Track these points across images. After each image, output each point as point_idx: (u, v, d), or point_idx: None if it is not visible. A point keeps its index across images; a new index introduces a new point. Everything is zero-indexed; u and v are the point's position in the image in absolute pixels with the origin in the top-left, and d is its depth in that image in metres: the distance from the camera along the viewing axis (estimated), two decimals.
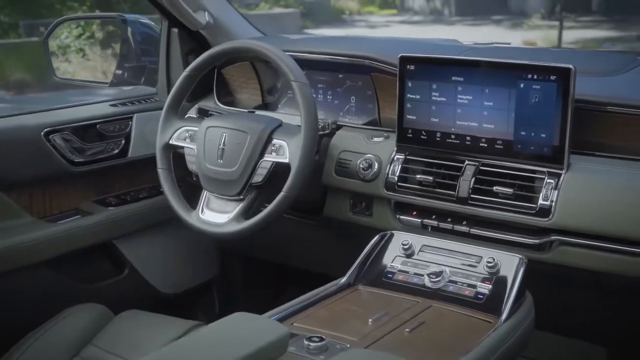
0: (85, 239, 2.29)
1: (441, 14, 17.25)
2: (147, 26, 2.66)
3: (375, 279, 1.88)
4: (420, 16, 17.21)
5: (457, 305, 1.74)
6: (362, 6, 18.29)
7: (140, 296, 2.49)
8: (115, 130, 2.35)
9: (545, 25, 13.39)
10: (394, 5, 18.89)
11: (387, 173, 2.04)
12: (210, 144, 2.09)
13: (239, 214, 2.05)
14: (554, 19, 13.22)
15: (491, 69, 1.89)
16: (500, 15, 15.78)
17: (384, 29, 15.56)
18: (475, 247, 1.87)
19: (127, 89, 2.64)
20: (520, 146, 1.87)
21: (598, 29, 14.03)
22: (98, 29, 7.22)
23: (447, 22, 16.46)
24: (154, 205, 2.46)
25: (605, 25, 14.20)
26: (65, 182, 2.31)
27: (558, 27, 12.92)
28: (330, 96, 2.35)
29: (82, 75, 6.76)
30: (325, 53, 2.26)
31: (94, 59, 6.94)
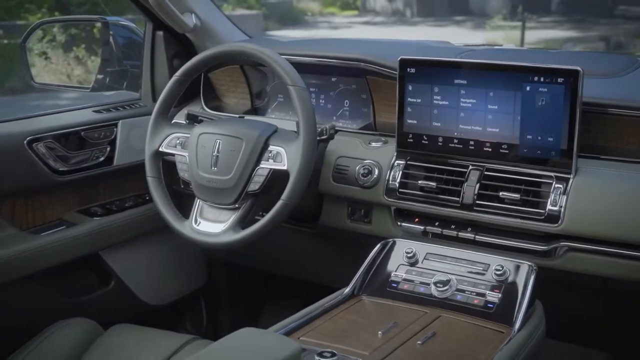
0: (71, 251, 2.19)
1: (403, 15, 17.29)
2: (129, 29, 2.57)
3: (379, 288, 1.83)
4: (383, 17, 17.23)
5: (466, 315, 1.70)
6: (324, 7, 18.27)
7: (127, 309, 2.41)
8: (100, 137, 2.26)
9: (507, 26, 13.48)
10: (355, 7, 18.89)
11: (388, 179, 1.98)
12: (203, 151, 2.01)
13: (234, 223, 1.98)
14: (516, 20, 13.32)
15: (496, 71, 1.84)
16: (462, 16, 15.86)
17: (347, 30, 15.55)
18: (481, 254, 1.83)
19: (108, 94, 2.55)
20: (526, 150, 1.83)
21: (558, 29, 14.18)
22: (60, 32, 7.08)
23: (409, 22, 16.50)
24: (140, 215, 2.38)
25: (566, 26, 14.35)
26: (49, 192, 2.21)
27: (520, 27, 13.01)
28: (323, 100, 2.29)
29: (47, 79, 6.62)
30: (320, 56, 2.20)
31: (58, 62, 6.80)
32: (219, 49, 2.05)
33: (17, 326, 2.06)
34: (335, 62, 2.19)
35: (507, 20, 13.69)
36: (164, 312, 2.52)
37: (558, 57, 2.34)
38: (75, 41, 7.36)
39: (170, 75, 2.39)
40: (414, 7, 17.08)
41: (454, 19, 15.87)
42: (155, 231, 2.42)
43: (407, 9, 17.33)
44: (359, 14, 18.02)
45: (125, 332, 2.01)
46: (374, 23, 16.49)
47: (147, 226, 2.39)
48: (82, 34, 6.47)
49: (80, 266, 2.27)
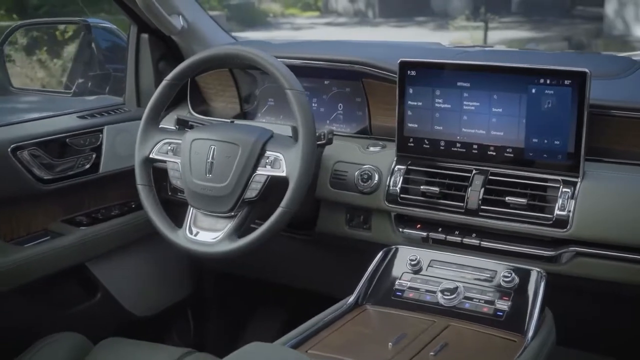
0: (57, 262, 2.11)
1: (365, 15, 17.30)
2: (111, 31, 2.49)
3: (384, 297, 1.77)
4: (345, 18, 17.22)
5: (476, 323, 1.65)
6: (285, 8, 18.21)
7: (113, 320, 2.33)
8: (86, 144, 2.18)
9: (470, 26, 13.55)
10: (317, 8, 18.87)
11: (388, 185, 1.93)
12: (197, 158, 1.94)
13: (231, 231, 1.92)
14: (479, 20, 13.39)
15: (500, 74, 1.80)
16: (424, 17, 15.92)
17: (309, 30, 15.51)
18: (487, 260, 1.79)
19: (90, 99, 2.46)
20: (532, 154, 1.79)
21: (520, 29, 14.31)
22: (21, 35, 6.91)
23: (371, 23, 16.51)
24: (126, 224, 2.30)
25: (527, 26, 14.49)
26: (34, 202, 2.13)
27: (483, 27, 13.08)
28: (315, 103, 2.23)
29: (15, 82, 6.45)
30: (316, 59, 2.15)
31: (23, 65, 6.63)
32: (213, 51, 1.99)
33: (3, 342, 1.98)
34: (331, 64, 2.13)
35: (470, 20, 13.75)
36: (150, 323, 2.44)
37: (555, 58, 2.31)
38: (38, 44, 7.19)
39: (156, 78, 2.33)
40: (375, 8, 17.09)
41: (416, 20, 15.92)
42: (142, 240, 2.35)
43: (369, 10, 17.34)
44: (320, 15, 17.98)
45: (116, 346, 1.94)
46: (336, 24, 16.47)
47: (134, 235, 2.32)
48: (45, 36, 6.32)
49: (65, 278, 2.18)
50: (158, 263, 2.45)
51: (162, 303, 2.48)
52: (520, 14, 15.62)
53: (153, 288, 2.44)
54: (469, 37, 12.91)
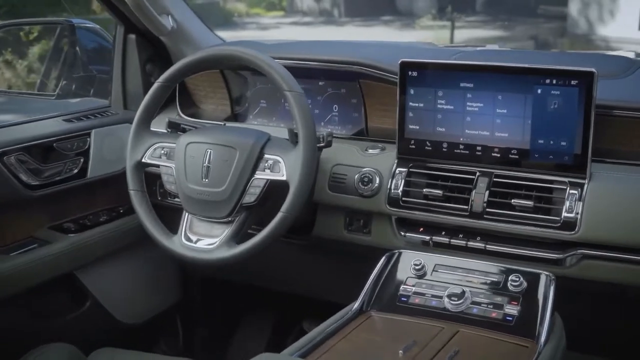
0: (45, 272, 2.04)
1: (331, 15, 17.26)
2: (95, 32, 2.41)
3: (389, 303, 1.74)
4: (311, 17, 17.17)
5: (485, 329, 1.62)
6: (250, 8, 18.10)
7: (102, 329, 2.27)
8: (73, 148, 2.11)
9: (436, 26, 13.58)
10: (281, 7, 18.79)
11: (390, 188, 1.89)
12: (192, 162, 1.89)
13: (229, 237, 1.86)
14: (445, 19, 13.43)
15: (505, 74, 1.77)
16: (390, 16, 15.93)
17: (275, 30, 15.43)
18: (493, 264, 1.76)
19: (74, 101, 2.39)
20: (537, 155, 1.77)
21: (485, 28, 14.37)
22: None
23: (337, 23, 16.48)
24: (114, 230, 2.23)
25: (492, 25, 14.55)
26: (20, 208, 2.05)
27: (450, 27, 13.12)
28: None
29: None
30: (311, 59, 2.10)
31: None
32: (209, 52, 1.93)
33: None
34: (328, 65, 2.08)
35: (436, 20, 13.79)
36: (140, 331, 2.38)
37: (552, 58, 2.29)
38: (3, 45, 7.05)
39: (144, 80, 2.27)
40: (341, 7, 17.06)
41: (382, 19, 15.92)
42: (130, 246, 2.29)
43: (334, 9, 17.31)
44: (285, 15, 17.91)
45: (110, 356, 1.88)
46: (302, 23, 16.41)
47: (122, 241, 2.25)
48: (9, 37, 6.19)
49: (53, 287, 2.11)
50: (146, 269, 2.38)
51: (151, 310, 2.42)
52: (485, 13, 15.69)
53: (142, 295, 2.38)
54: (435, 36, 12.94)
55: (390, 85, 1.98)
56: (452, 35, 12.57)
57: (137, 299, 2.35)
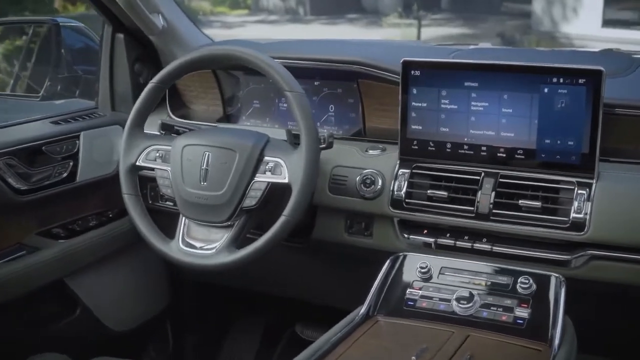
0: (34, 279, 1.98)
1: (296, 13, 17.21)
2: (79, 31, 2.34)
3: (395, 307, 1.70)
4: (276, 16, 17.11)
5: (496, 332, 1.59)
6: (214, 7, 17.97)
7: (93, 338, 2.21)
8: (62, 151, 2.05)
9: (402, 24, 13.60)
10: (245, 6, 18.70)
11: (392, 189, 1.85)
12: (189, 165, 1.83)
13: (229, 242, 1.81)
14: (411, 17, 13.45)
15: (511, 73, 1.74)
16: (355, 14, 15.93)
17: (240, 29, 15.34)
18: (500, 266, 1.73)
19: (59, 103, 2.32)
20: (544, 155, 1.74)
21: (451, 26, 14.44)
22: None
23: (303, 21, 16.43)
24: (104, 235, 2.17)
25: (457, 23, 14.63)
26: (8, 214, 1.98)
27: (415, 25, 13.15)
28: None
29: None
30: (310, 59, 2.05)
31: None
32: (204, 52, 1.88)
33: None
34: (327, 65, 2.04)
35: (403, 17, 13.81)
36: (129, 338, 2.32)
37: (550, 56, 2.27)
38: None
39: (133, 81, 2.21)
40: (307, 5, 17.03)
41: (347, 17, 15.91)
42: (119, 252, 2.23)
43: (300, 7, 17.26)
44: (250, 13, 17.82)
45: None
46: (267, 22, 16.34)
47: (112, 247, 2.19)
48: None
49: (43, 295, 2.04)
50: (135, 275, 2.32)
51: (140, 316, 2.36)
52: (450, 10, 15.77)
53: (131, 301, 2.32)
54: (402, 34, 12.97)
55: (390, 84, 1.95)
56: (419, 33, 12.60)
57: (126, 305, 2.29)
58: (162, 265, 2.37)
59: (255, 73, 2.07)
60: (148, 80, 2.20)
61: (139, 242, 2.12)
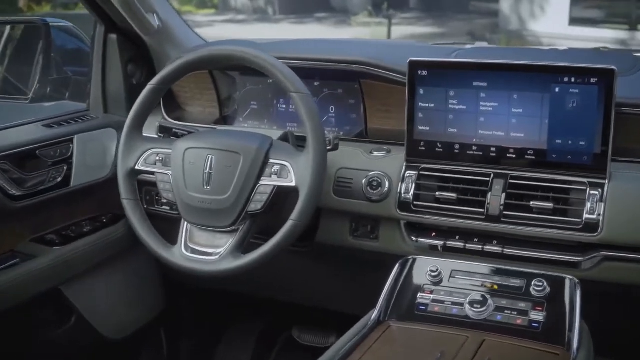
0: (30, 288, 1.91)
1: (265, 12, 17.17)
2: (69, 31, 2.27)
3: (407, 312, 1.67)
4: (244, 15, 17.04)
5: (511, 336, 1.56)
6: (181, 6, 17.84)
7: (89, 346, 2.15)
8: (57, 156, 1.98)
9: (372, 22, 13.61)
10: (212, 5, 18.60)
11: (400, 192, 1.82)
12: (192, 169, 1.78)
13: (234, 247, 1.77)
14: (381, 16, 13.46)
15: (521, 72, 1.72)
16: (324, 13, 15.92)
17: (208, 28, 15.24)
18: (512, 268, 1.71)
19: (49, 105, 2.25)
20: (555, 156, 1.72)
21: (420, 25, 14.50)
22: None
23: (271, 20, 16.40)
24: (99, 240, 2.11)
25: (426, 22, 14.69)
26: (2, 221, 1.91)
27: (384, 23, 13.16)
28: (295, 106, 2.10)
29: None
30: (312, 59, 2.00)
31: None
32: (205, 52, 1.83)
33: None
34: (328, 65, 1.99)
35: (373, 16, 13.82)
36: (123, 345, 2.26)
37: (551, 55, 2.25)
38: None
39: (126, 82, 2.16)
40: (275, 4, 16.98)
41: (316, 16, 15.90)
42: (114, 258, 2.17)
43: (268, 7, 17.22)
44: (218, 13, 17.74)
45: None
46: (235, 21, 16.27)
47: (107, 253, 2.13)
48: None
49: (38, 303, 1.97)
50: (129, 281, 2.27)
51: (135, 323, 2.30)
52: (418, 9, 15.84)
53: (126, 308, 2.26)
54: (372, 33, 12.97)
55: (395, 85, 1.92)
56: (389, 32, 12.61)
57: (121, 312, 2.23)
58: (156, 270, 2.32)
59: (252, 74, 2.03)
60: (141, 81, 2.16)
61: (133, 248, 2.08)
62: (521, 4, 14.00)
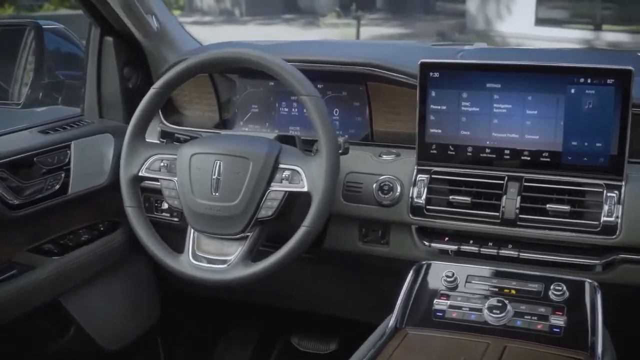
0: (30, 300, 1.85)
1: (232, 14, 17.08)
2: (59, 33, 2.20)
3: (424, 319, 1.63)
4: (211, 16, 16.93)
5: (533, 342, 1.54)
6: None
7: (85, 357, 2.08)
8: (54, 163, 1.91)
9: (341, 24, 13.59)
10: (178, 6, 18.46)
11: (412, 196, 1.79)
12: (199, 174, 1.73)
13: (244, 255, 1.72)
14: (350, 17, 13.45)
15: (536, 73, 1.69)
16: (291, 15, 15.88)
17: None
18: (528, 272, 1.69)
19: (41, 110, 2.18)
20: (570, 158, 1.70)
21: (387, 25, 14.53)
22: None
23: (238, 22, 16.32)
24: (97, 250, 2.05)
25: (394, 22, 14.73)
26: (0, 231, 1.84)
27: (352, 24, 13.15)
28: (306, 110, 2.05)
29: None
30: (317, 61, 1.96)
31: None
32: (212, 54, 1.77)
33: None
34: (335, 67, 1.95)
35: (341, 18, 13.80)
36: (120, 355, 2.19)
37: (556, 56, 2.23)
38: None
39: (122, 86, 2.11)
40: (242, 6, 16.91)
41: (283, 18, 15.86)
42: (111, 267, 2.11)
43: (235, 8, 17.13)
44: (183, 14, 17.60)
45: None
46: (202, 23, 16.15)
47: (104, 262, 2.08)
48: None
49: (37, 315, 1.91)
50: (127, 290, 2.21)
51: (133, 332, 2.24)
52: (385, 10, 15.87)
53: (123, 318, 2.20)
54: (341, 34, 12.96)
55: (401, 87, 1.88)
56: (358, 33, 12.60)
57: (119, 321, 2.18)
58: (152, 277, 2.27)
59: (253, 76, 1.99)
60: (137, 85, 2.11)
61: (129, 256, 2.02)
62: (488, 5, 14.11)
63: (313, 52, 2.03)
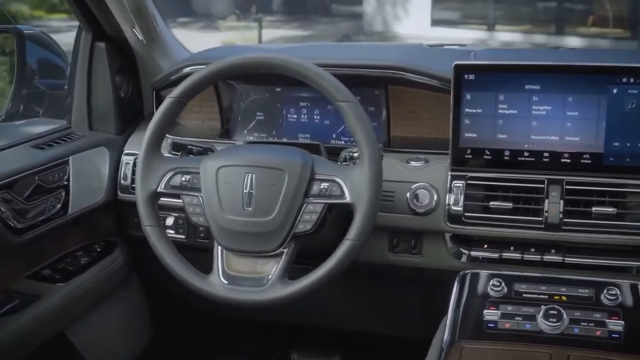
0: (36, 336, 1.67)
1: None
2: (42, 41, 2.02)
3: (477, 331, 1.57)
4: None
5: (594, 350, 1.50)
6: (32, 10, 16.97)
7: None
8: (55, 180, 1.75)
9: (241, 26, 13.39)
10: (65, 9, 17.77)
11: (448, 203, 1.72)
12: (228, 189, 1.61)
13: (282, 273, 1.60)
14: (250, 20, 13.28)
15: (576, 74, 1.66)
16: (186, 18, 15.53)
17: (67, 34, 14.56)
18: (577, 277, 1.65)
19: (20, 123, 1.99)
20: (612, 159, 1.67)
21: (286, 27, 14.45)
22: None
23: None
24: (97, 275, 1.89)
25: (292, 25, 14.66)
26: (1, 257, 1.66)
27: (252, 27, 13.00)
28: (317, 116, 1.97)
29: None
30: (338, 65, 1.85)
31: None
32: (236, 60, 1.63)
33: None
34: (352, 70, 1.86)
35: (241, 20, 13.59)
36: None
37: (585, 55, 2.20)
38: None
39: (115, 94, 1.96)
40: None
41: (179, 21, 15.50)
42: (110, 291, 1.95)
43: None
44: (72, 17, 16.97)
45: None
46: None
47: (105, 287, 1.93)
48: None
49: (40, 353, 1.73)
50: (122, 314, 2.07)
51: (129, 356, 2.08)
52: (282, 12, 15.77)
53: (121, 342, 2.05)
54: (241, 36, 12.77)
55: (423, 90, 1.82)
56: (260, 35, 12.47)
57: (116, 346, 2.02)
58: (144, 299, 2.11)
59: (258, 82, 1.89)
60: (128, 94, 1.98)
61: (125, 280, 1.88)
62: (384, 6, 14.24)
63: (334, 56, 1.93)
